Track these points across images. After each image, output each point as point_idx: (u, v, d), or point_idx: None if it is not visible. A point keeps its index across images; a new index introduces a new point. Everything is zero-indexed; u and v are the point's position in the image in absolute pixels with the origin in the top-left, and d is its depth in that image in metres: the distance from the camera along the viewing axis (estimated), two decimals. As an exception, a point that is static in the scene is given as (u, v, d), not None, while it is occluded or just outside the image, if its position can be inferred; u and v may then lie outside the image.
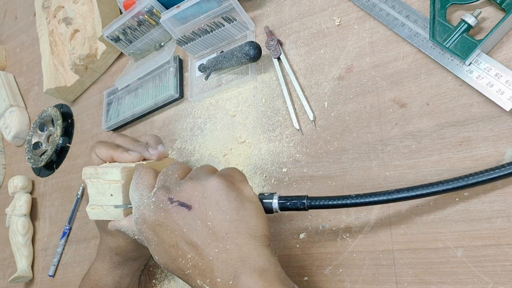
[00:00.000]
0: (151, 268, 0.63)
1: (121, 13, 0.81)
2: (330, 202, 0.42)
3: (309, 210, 0.49)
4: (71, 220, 0.78)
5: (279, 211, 0.43)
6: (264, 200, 0.43)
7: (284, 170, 0.54)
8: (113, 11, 0.81)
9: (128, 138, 0.53)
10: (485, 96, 0.42)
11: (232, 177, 0.42)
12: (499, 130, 0.41)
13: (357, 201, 0.41)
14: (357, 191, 0.48)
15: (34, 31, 1.03)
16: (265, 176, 0.56)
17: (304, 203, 0.43)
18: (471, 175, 0.38)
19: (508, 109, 0.40)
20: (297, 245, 0.50)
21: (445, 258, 0.41)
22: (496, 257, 0.39)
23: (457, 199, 0.42)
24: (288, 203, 0.43)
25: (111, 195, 0.46)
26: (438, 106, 0.45)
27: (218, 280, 0.37)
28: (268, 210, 0.43)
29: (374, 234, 0.45)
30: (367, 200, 0.41)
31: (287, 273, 0.50)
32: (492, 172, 0.37)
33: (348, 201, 0.41)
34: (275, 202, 0.43)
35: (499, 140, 0.41)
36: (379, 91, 0.49)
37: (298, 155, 0.54)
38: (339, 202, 0.42)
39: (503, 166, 0.37)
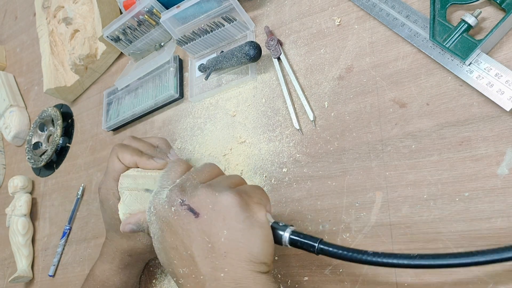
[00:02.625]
0: (151, 268, 0.63)
1: (121, 13, 0.81)
2: (343, 253, 0.38)
3: (309, 217, 0.49)
4: (71, 220, 0.78)
5: (288, 245, 0.41)
6: (276, 230, 0.40)
7: (284, 170, 0.54)
8: (113, 11, 0.81)
9: (146, 143, 0.53)
10: (485, 96, 0.42)
11: (250, 197, 0.40)
12: (499, 130, 0.41)
13: (373, 259, 0.37)
14: (357, 191, 0.48)
15: (34, 31, 1.03)
16: (265, 176, 0.56)
17: (315, 246, 0.39)
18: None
19: (508, 109, 0.40)
20: (297, 245, 0.50)
21: (445, 258, 0.41)
22: (496, 257, 0.39)
23: (457, 199, 0.42)
24: (299, 242, 0.40)
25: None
26: (438, 106, 0.45)
27: None
28: (277, 240, 0.40)
29: (374, 234, 0.45)
30: (383, 260, 0.37)
31: (287, 273, 0.50)
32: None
33: (363, 257, 0.37)
34: (286, 236, 0.40)
35: (499, 140, 0.41)
36: (379, 91, 0.49)
37: (298, 155, 0.54)
38: (353, 255, 0.38)
39: None
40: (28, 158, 0.89)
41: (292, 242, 0.40)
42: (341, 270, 0.46)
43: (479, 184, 0.41)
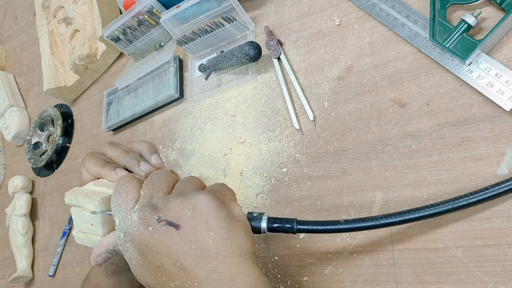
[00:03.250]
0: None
1: (121, 13, 0.81)
2: (319, 227, 0.42)
3: (309, 217, 0.49)
4: (71, 220, 0.78)
5: (266, 232, 0.43)
6: (252, 221, 0.42)
7: (284, 170, 0.54)
8: (113, 11, 0.81)
9: (120, 150, 0.49)
10: (485, 96, 0.42)
11: (222, 195, 0.41)
12: (499, 130, 0.41)
13: (346, 226, 0.42)
14: (357, 191, 0.48)
15: (34, 31, 1.03)
16: (265, 176, 0.56)
17: (293, 226, 0.43)
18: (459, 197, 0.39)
19: (508, 109, 0.40)
20: (297, 245, 0.50)
21: (445, 258, 0.41)
22: (496, 257, 0.39)
23: (457, 199, 0.42)
24: (276, 225, 0.43)
25: (92, 224, 0.44)
26: (438, 106, 0.45)
27: None
28: (255, 230, 0.42)
29: (374, 234, 0.45)
30: (355, 225, 0.41)
31: (287, 273, 0.50)
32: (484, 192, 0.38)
33: (337, 227, 0.42)
34: (263, 223, 0.43)
35: (499, 140, 0.41)
36: (379, 91, 0.49)
37: (298, 155, 0.54)
38: (328, 227, 0.42)
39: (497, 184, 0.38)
40: (28, 158, 0.89)
41: (270, 228, 0.43)
42: (341, 270, 0.47)
43: (479, 184, 0.41)
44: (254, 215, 0.43)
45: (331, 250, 0.48)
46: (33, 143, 0.90)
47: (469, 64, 0.43)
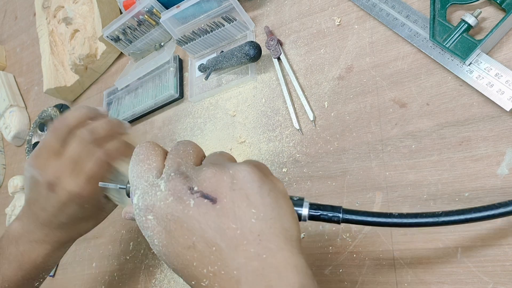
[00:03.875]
0: (151, 268, 0.63)
1: (121, 13, 0.81)
2: (369, 219, 0.36)
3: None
4: (71, 220, 0.78)
5: (307, 220, 0.36)
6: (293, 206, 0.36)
7: (284, 170, 0.54)
8: (113, 11, 0.81)
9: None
10: (485, 96, 0.42)
11: (263, 168, 0.35)
12: (499, 130, 0.41)
13: (399, 221, 0.36)
14: (357, 191, 0.48)
15: (34, 31, 1.03)
16: (265, 176, 0.56)
17: (338, 215, 0.36)
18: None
19: (508, 109, 0.40)
20: (297, 245, 0.50)
21: (445, 258, 0.41)
22: (496, 257, 0.39)
23: (457, 199, 0.42)
24: (320, 214, 0.36)
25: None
26: (438, 106, 0.45)
27: None
28: None
29: (374, 234, 0.45)
30: (411, 221, 0.35)
31: (287, 273, 0.50)
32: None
33: (390, 220, 0.36)
34: (305, 210, 0.36)
35: (499, 140, 0.41)
36: (379, 91, 0.49)
37: (298, 155, 0.54)
38: (380, 219, 0.36)
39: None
40: (28, 158, 0.89)
41: (313, 216, 0.36)
42: (341, 270, 0.46)
43: (479, 184, 0.41)
44: (295, 199, 0.36)
45: (331, 250, 0.48)
46: (33, 143, 0.90)
47: (469, 64, 0.43)
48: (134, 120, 0.75)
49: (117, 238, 0.70)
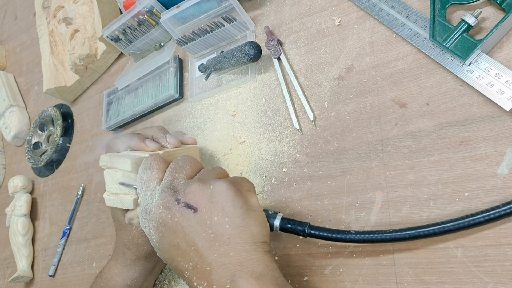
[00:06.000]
0: (151, 268, 0.63)
1: (121, 13, 0.81)
2: (329, 235, 0.44)
3: (309, 217, 0.49)
4: (71, 220, 0.78)
5: (279, 230, 0.45)
6: (267, 218, 0.44)
7: (284, 170, 0.54)
8: (113, 11, 0.81)
9: (140, 135, 0.52)
10: (485, 96, 0.42)
11: (240, 185, 0.43)
12: (499, 130, 0.41)
13: (355, 237, 0.42)
14: (357, 191, 0.48)
15: (34, 31, 1.03)
16: (265, 176, 0.56)
17: (304, 230, 0.44)
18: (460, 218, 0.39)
19: (508, 109, 0.40)
20: (297, 245, 0.50)
21: (445, 258, 0.41)
22: (496, 257, 0.39)
23: (457, 199, 0.42)
24: (289, 226, 0.44)
25: (123, 183, 0.47)
26: (438, 106, 0.45)
27: (215, 283, 0.38)
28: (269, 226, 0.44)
29: (374, 234, 0.45)
30: (365, 237, 0.42)
31: (287, 273, 0.50)
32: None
33: (347, 236, 0.43)
34: (277, 221, 0.45)
35: (499, 140, 0.41)
36: (379, 91, 0.49)
37: (298, 155, 0.54)
38: (338, 236, 0.43)
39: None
40: (28, 158, 0.89)
41: (283, 227, 0.45)
42: (341, 270, 0.47)
43: (479, 184, 0.41)
44: (270, 212, 0.45)
45: (331, 250, 0.48)
46: (33, 143, 0.90)
47: (469, 64, 0.43)
48: (134, 120, 0.75)
49: (117, 238, 0.70)
